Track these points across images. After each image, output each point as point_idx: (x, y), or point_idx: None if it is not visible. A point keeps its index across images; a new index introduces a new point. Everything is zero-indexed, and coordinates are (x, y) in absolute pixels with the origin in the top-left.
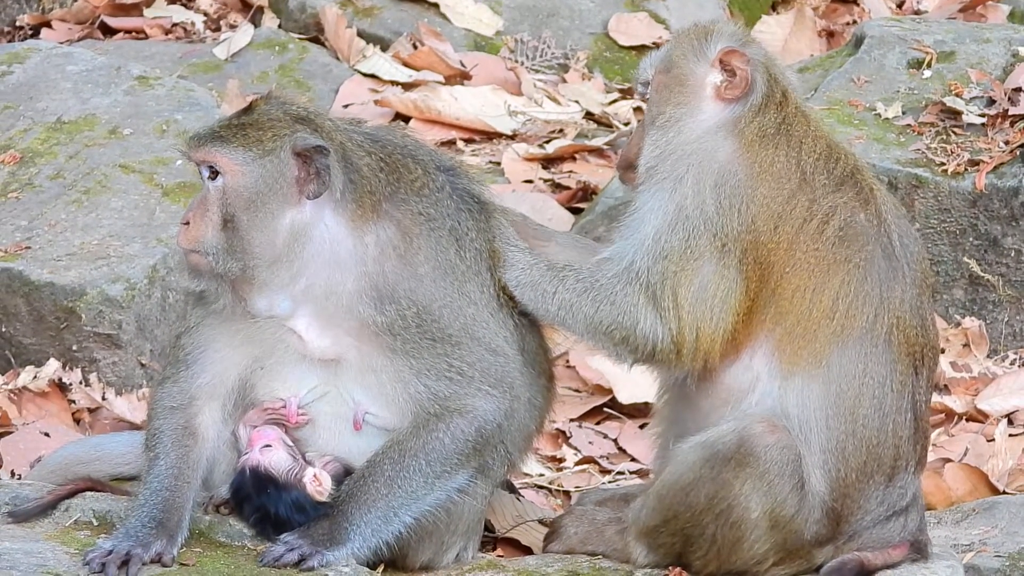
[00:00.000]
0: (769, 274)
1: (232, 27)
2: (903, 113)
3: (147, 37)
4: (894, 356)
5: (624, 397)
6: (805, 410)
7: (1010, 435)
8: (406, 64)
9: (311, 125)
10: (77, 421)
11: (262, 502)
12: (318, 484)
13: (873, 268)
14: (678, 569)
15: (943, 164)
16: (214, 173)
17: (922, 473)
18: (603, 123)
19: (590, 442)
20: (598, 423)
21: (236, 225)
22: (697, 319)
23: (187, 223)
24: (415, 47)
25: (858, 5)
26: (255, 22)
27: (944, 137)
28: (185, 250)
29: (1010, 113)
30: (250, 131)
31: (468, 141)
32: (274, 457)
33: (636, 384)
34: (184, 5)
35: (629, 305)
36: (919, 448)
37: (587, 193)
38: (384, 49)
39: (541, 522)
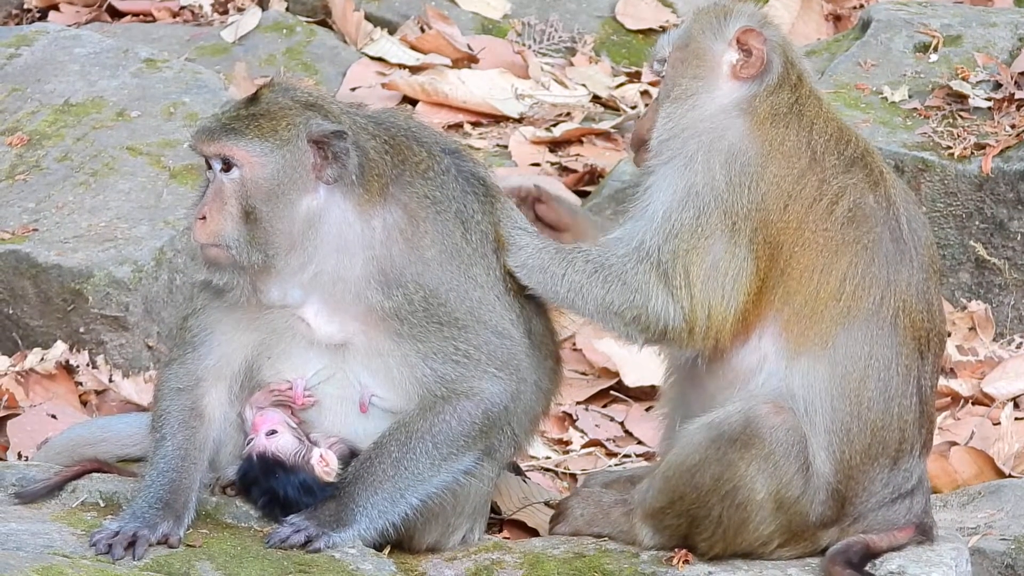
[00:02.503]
0: (779, 253)
1: (240, 10)
2: (909, 97)
3: (155, 20)
4: (900, 339)
5: (631, 380)
6: (811, 391)
7: (1016, 418)
8: (413, 47)
9: (320, 111)
10: (84, 403)
11: (270, 486)
12: (325, 464)
13: (881, 250)
14: (684, 551)
15: (949, 148)
16: (228, 166)
17: (928, 457)
18: (610, 106)
19: (596, 425)
20: (605, 406)
21: (257, 216)
22: (709, 297)
23: (203, 217)
24: (422, 30)
25: None
26: (262, 5)
27: (950, 121)
28: (203, 244)
29: (1016, 97)
30: (263, 121)
31: (475, 124)
32: (281, 441)
33: (643, 367)
34: None
35: (640, 284)
36: (924, 432)
37: (594, 176)
38: (392, 32)
39: (547, 504)
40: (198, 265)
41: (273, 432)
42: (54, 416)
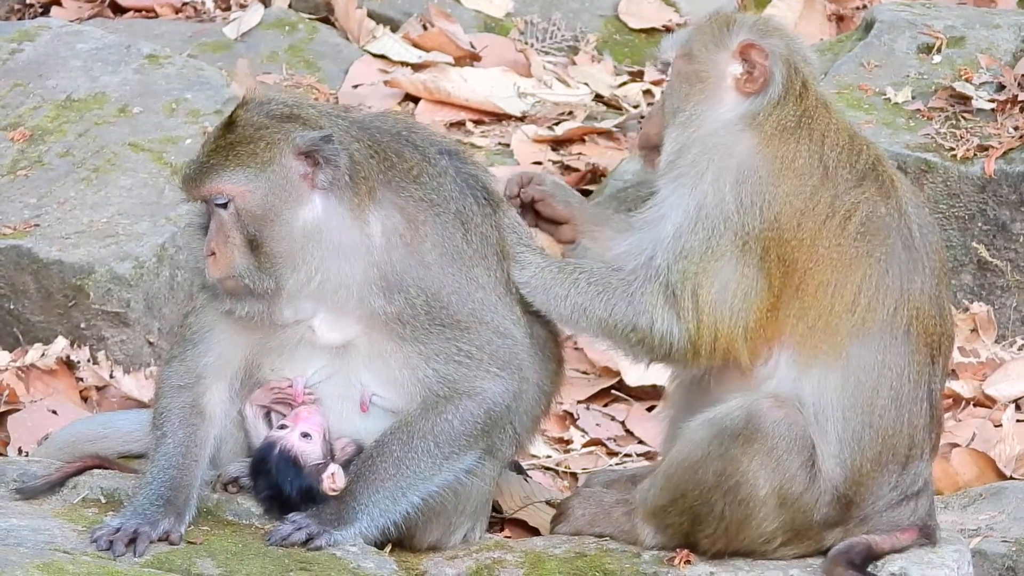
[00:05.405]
0: (793, 270)
1: (242, 7)
2: (913, 98)
3: (157, 16)
4: (912, 347)
5: (632, 379)
6: (822, 399)
7: (1017, 420)
8: (416, 45)
9: (299, 120)
10: (85, 399)
11: (278, 483)
12: (332, 483)
13: (894, 261)
14: (685, 551)
15: (952, 149)
16: (222, 201)
17: (935, 459)
18: (612, 105)
19: (597, 424)
20: (605, 405)
21: (260, 241)
22: (716, 319)
23: (213, 254)
24: (425, 28)
25: None
26: (265, 2)
27: (954, 122)
28: (219, 279)
29: (1019, 99)
30: (240, 148)
31: (477, 123)
32: (309, 447)
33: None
34: None
35: (647, 304)
36: (934, 436)
37: (596, 175)
38: (394, 30)
39: (549, 503)
40: (221, 298)
41: (307, 435)
42: (55, 412)
